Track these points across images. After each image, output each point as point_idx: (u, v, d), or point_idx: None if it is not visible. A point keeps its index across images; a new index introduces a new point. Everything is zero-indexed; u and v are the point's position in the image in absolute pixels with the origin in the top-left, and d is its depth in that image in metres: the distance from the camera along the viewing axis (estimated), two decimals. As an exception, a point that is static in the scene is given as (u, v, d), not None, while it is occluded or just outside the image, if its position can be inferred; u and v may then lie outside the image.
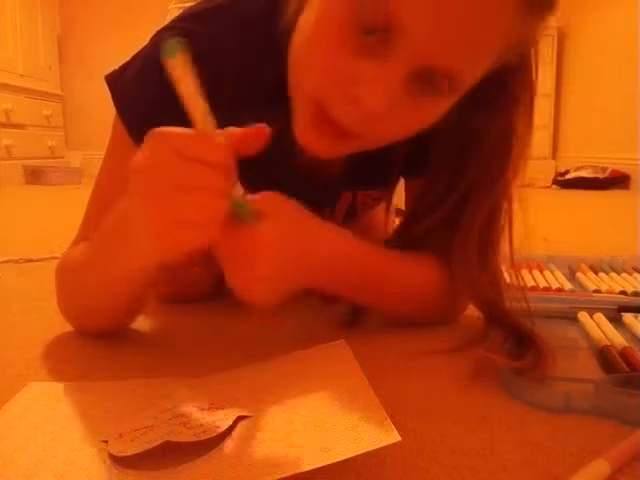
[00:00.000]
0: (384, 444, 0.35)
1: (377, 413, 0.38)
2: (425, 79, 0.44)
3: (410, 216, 0.66)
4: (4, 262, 1.07)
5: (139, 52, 0.58)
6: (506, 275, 0.63)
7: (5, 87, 3.31)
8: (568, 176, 3.41)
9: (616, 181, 3.23)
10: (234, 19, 0.56)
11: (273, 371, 0.47)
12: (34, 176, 3.33)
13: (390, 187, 0.71)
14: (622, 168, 3.24)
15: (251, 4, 0.56)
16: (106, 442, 0.38)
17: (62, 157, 4.04)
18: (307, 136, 0.50)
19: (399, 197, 0.73)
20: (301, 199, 0.75)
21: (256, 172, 0.51)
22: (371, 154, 0.53)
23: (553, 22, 3.92)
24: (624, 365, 0.54)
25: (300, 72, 0.49)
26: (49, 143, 3.72)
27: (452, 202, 0.60)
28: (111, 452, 0.36)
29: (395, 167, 0.67)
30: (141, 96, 0.57)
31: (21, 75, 3.52)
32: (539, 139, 3.93)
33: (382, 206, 0.73)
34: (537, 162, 3.80)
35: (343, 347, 0.50)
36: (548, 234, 1.41)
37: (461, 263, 0.59)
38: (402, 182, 0.72)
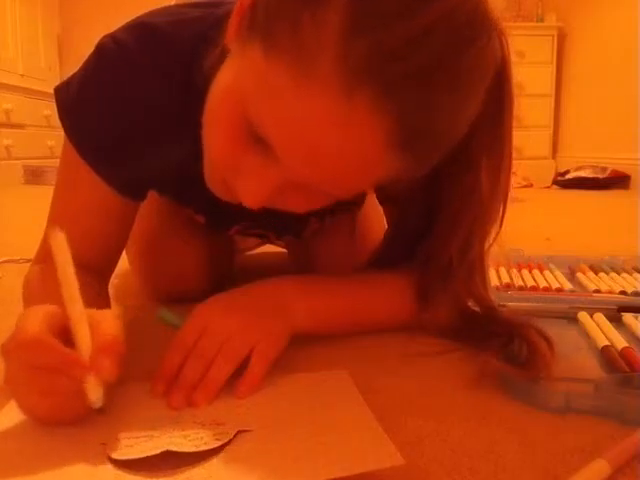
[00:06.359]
0: (388, 465, 0.35)
1: (380, 435, 0.39)
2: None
3: (388, 243, 0.66)
4: (4, 262, 1.07)
5: (84, 62, 0.57)
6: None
7: (5, 87, 3.30)
8: (568, 176, 3.41)
9: (616, 181, 3.23)
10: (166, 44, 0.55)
11: (275, 391, 0.48)
12: (34, 176, 3.32)
13: (355, 208, 0.71)
14: (622, 168, 3.24)
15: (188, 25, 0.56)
16: (104, 445, 0.38)
17: (62, 157, 4.02)
18: (216, 189, 0.51)
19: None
20: (271, 228, 0.76)
21: (226, 207, 0.52)
22: None
23: (553, 22, 3.92)
24: (624, 365, 0.54)
25: (205, 140, 0.48)
26: (49, 143, 3.71)
27: (423, 244, 0.59)
28: (109, 455, 0.36)
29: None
30: (83, 110, 0.56)
31: (21, 75, 3.51)
32: (539, 139, 3.93)
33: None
34: (537, 162, 3.80)
35: (344, 376, 0.51)
36: (549, 234, 1.42)
37: (443, 274, 0.58)
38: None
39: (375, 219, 0.80)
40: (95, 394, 0.38)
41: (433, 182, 0.55)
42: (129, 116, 0.55)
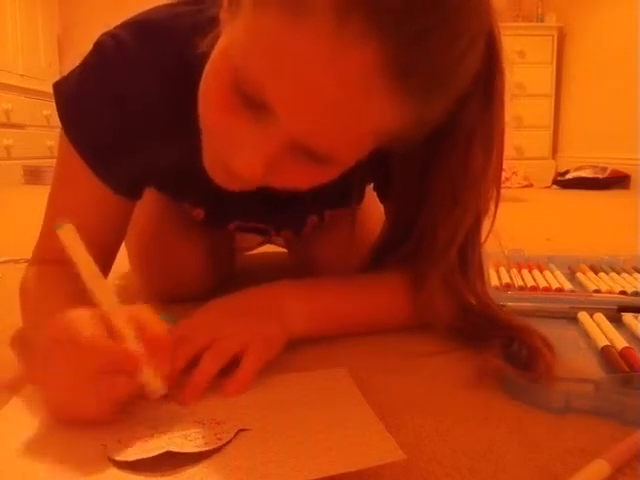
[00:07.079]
0: (389, 460, 0.35)
1: (380, 431, 0.39)
2: (304, 150, 0.43)
3: (383, 243, 0.66)
4: (4, 262, 1.07)
5: (83, 60, 0.57)
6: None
7: (5, 87, 3.31)
8: (568, 176, 3.40)
9: (616, 181, 3.23)
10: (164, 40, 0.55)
11: (275, 389, 0.48)
12: (34, 176, 3.32)
13: (354, 204, 0.71)
14: (622, 168, 3.24)
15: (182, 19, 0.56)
16: (105, 446, 0.38)
17: (62, 157, 4.02)
18: (215, 174, 0.50)
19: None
20: (269, 224, 0.76)
21: (226, 198, 0.51)
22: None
23: (553, 22, 3.92)
24: (624, 365, 0.54)
25: (200, 115, 0.47)
26: (49, 143, 3.71)
27: (420, 230, 0.59)
28: (110, 456, 0.36)
29: (356, 189, 0.68)
30: (82, 107, 0.56)
31: (21, 75, 3.52)
32: (539, 139, 3.93)
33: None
34: (537, 162, 3.80)
35: (344, 374, 0.51)
36: (549, 234, 1.42)
37: (438, 276, 0.58)
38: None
39: (375, 218, 0.80)
40: (157, 382, 0.41)
41: (428, 167, 0.56)
42: (128, 114, 0.55)
